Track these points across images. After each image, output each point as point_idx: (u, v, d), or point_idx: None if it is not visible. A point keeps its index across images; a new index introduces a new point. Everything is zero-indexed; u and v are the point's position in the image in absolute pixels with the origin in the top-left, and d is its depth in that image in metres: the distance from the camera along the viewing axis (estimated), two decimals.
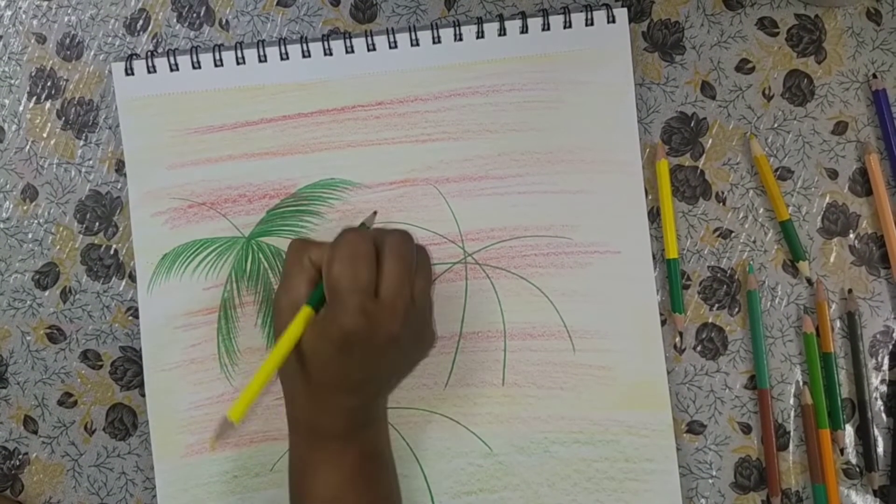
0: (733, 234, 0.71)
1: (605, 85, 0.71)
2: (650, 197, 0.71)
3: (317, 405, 0.60)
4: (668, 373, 0.70)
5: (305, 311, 0.58)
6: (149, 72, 0.72)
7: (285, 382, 0.61)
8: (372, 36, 0.72)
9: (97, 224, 0.72)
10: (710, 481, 0.70)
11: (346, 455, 0.60)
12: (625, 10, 0.71)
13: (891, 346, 0.70)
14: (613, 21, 0.71)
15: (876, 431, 0.69)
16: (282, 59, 0.72)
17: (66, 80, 0.73)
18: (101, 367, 0.72)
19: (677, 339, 0.70)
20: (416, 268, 0.59)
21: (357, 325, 0.56)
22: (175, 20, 0.73)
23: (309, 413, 0.60)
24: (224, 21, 0.73)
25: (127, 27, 0.73)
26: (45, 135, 0.73)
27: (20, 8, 0.73)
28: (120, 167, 0.72)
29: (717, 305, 0.71)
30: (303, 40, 0.72)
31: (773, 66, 0.71)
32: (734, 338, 0.70)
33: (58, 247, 0.72)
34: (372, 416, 0.62)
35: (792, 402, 0.70)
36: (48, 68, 0.73)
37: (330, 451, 0.60)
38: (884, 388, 0.70)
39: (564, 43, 0.71)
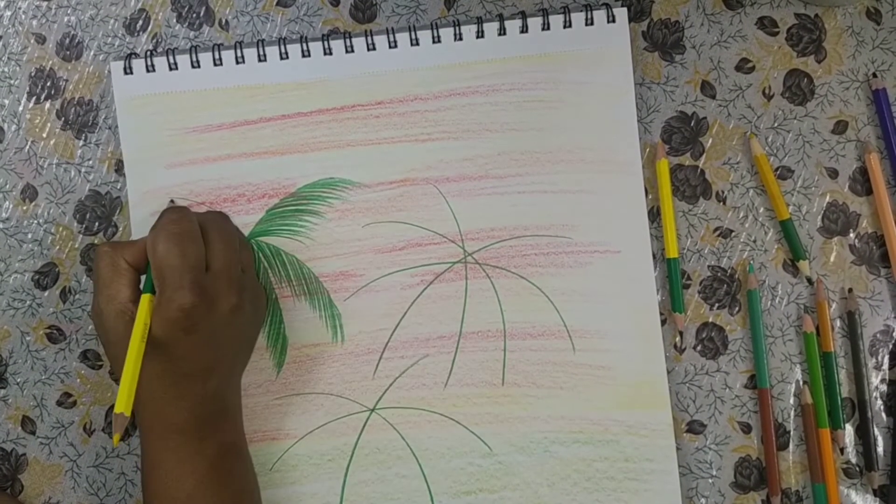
0: (733, 234, 0.71)
1: (605, 84, 0.71)
2: (650, 196, 0.71)
3: (170, 398, 0.59)
4: (668, 372, 0.70)
5: (146, 298, 0.58)
6: (148, 71, 0.72)
7: (144, 393, 0.59)
8: (372, 36, 0.72)
9: (97, 224, 0.72)
10: (710, 481, 0.70)
11: (202, 450, 0.59)
12: (625, 9, 0.71)
13: (891, 346, 0.70)
14: (613, 21, 0.71)
15: (876, 431, 0.69)
16: (281, 58, 0.72)
17: (66, 81, 0.73)
18: (100, 367, 0.72)
19: (677, 338, 0.70)
20: (237, 240, 0.61)
21: (195, 301, 0.56)
22: (175, 20, 0.73)
23: (162, 408, 0.59)
24: (224, 21, 0.73)
25: (126, 27, 0.73)
26: (44, 135, 0.73)
27: (20, 8, 0.73)
28: (119, 167, 0.72)
29: (717, 305, 0.71)
30: (303, 40, 0.72)
31: (773, 65, 0.71)
32: (734, 337, 0.70)
33: (57, 247, 0.72)
34: (226, 406, 0.61)
35: (792, 401, 0.70)
36: (48, 68, 0.73)
37: (185, 447, 0.59)
38: (884, 388, 0.70)
39: (564, 42, 0.71)
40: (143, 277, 0.62)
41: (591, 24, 0.71)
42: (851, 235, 0.70)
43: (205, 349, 0.58)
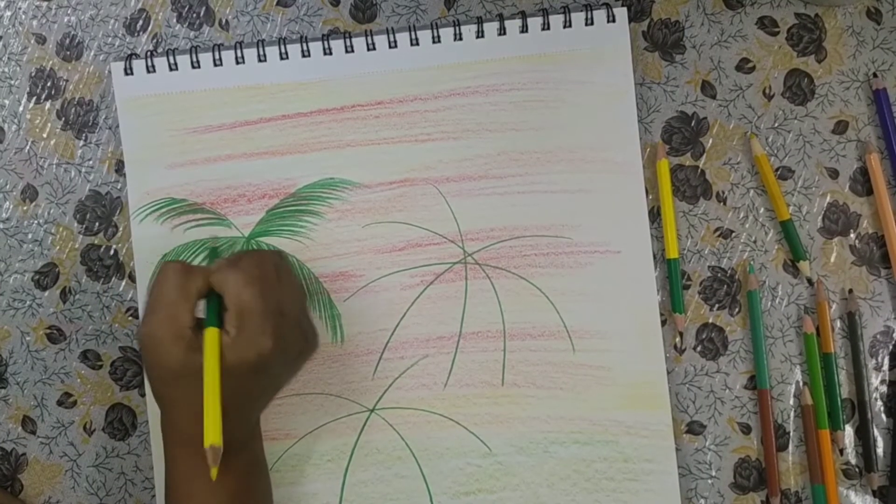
0: (734, 234, 0.71)
1: (605, 84, 0.71)
2: (650, 196, 0.71)
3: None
4: (668, 373, 0.70)
5: (214, 332, 0.57)
6: (148, 71, 0.72)
7: (170, 402, 0.60)
8: (372, 36, 0.71)
9: (97, 224, 0.72)
10: (710, 482, 0.70)
11: (231, 468, 0.58)
12: (625, 9, 0.71)
13: (891, 347, 0.70)
14: (613, 20, 0.71)
15: (876, 432, 0.69)
16: (281, 58, 0.72)
17: (66, 81, 0.73)
18: (100, 367, 0.72)
19: (677, 339, 0.70)
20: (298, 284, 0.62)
21: (274, 346, 0.57)
22: (175, 20, 0.73)
23: (199, 431, 0.57)
24: (224, 21, 0.73)
25: (127, 27, 0.73)
26: (44, 135, 0.73)
27: (20, 8, 0.73)
28: (120, 167, 0.72)
29: (717, 305, 0.70)
30: (303, 40, 0.72)
31: (774, 65, 0.71)
32: (734, 338, 0.70)
33: (57, 247, 0.72)
34: (255, 425, 0.62)
35: (792, 402, 0.70)
36: (48, 69, 0.73)
37: (229, 463, 0.57)
38: (884, 389, 0.69)
39: (564, 42, 0.71)
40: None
41: (591, 23, 0.71)
42: (852, 236, 0.70)
43: (263, 387, 0.60)
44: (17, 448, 0.72)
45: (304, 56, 0.72)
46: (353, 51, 0.72)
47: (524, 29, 0.71)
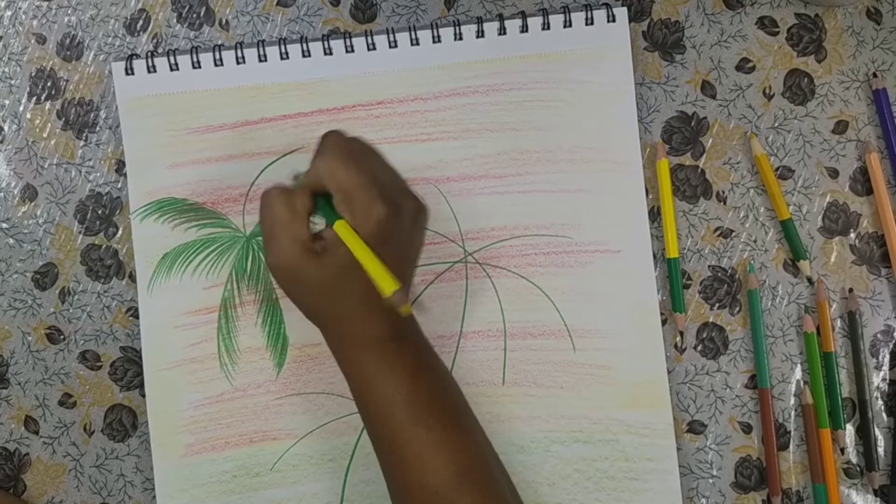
0: (734, 234, 0.71)
1: (605, 84, 0.71)
2: (650, 196, 0.71)
3: (368, 311, 0.59)
4: (669, 372, 0.70)
5: (343, 224, 0.57)
6: (149, 71, 0.72)
7: (331, 312, 0.60)
8: (372, 35, 0.72)
9: (97, 224, 0.72)
10: (711, 481, 0.70)
11: (403, 354, 0.60)
12: (625, 9, 0.71)
13: (891, 346, 0.70)
14: (613, 20, 0.71)
15: (876, 431, 0.69)
16: (282, 58, 0.72)
17: (66, 81, 0.73)
18: (99, 367, 0.72)
19: (678, 338, 0.70)
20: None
21: (388, 210, 0.57)
22: (175, 20, 0.73)
23: (361, 322, 0.59)
24: (224, 21, 0.73)
25: (127, 27, 0.73)
26: (45, 135, 0.73)
27: (20, 8, 0.73)
28: (120, 167, 0.72)
29: (717, 305, 0.71)
30: (303, 40, 0.72)
31: (774, 65, 0.71)
32: (735, 337, 0.70)
33: (57, 247, 0.72)
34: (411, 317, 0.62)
35: (792, 401, 0.70)
36: (48, 69, 0.73)
37: (389, 354, 0.60)
38: (884, 388, 0.70)
39: (564, 42, 0.71)
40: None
41: (592, 23, 0.71)
42: (852, 235, 0.70)
43: (396, 258, 0.59)
44: (20, 448, 0.72)
45: (304, 56, 0.72)
46: (353, 51, 0.72)
47: (524, 29, 0.71)
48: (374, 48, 0.72)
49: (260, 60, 0.72)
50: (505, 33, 0.71)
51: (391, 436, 0.60)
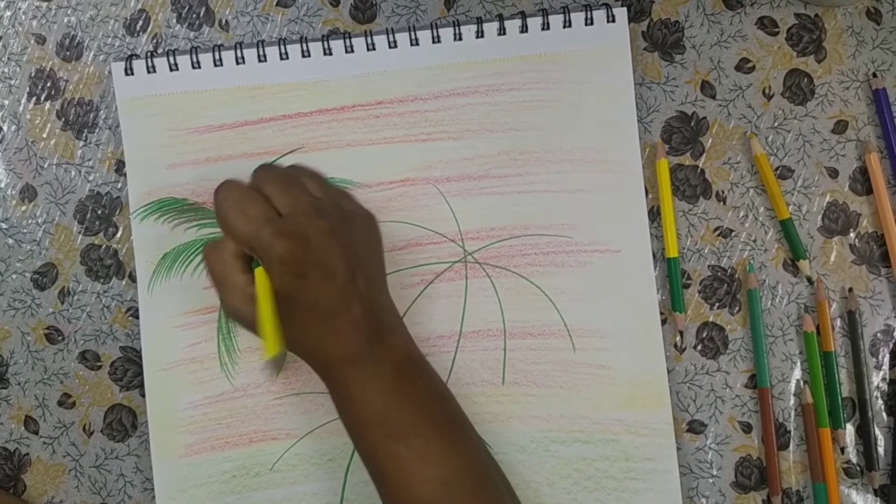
0: (734, 233, 0.71)
1: (604, 84, 0.71)
2: (650, 196, 0.71)
3: (325, 336, 0.60)
4: (669, 372, 0.70)
5: (259, 271, 0.59)
6: (148, 72, 0.72)
7: (298, 343, 0.61)
8: (372, 36, 0.72)
9: (97, 224, 0.72)
10: (711, 481, 0.70)
11: (378, 370, 0.60)
12: (624, 9, 0.71)
13: (891, 345, 0.70)
14: (613, 20, 0.71)
15: (876, 430, 0.69)
16: (281, 58, 0.72)
17: (66, 81, 0.73)
18: (99, 367, 0.72)
19: (678, 338, 0.70)
20: (295, 176, 0.62)
21: (287, 246, 0.58)
22: (175, 21, 0.73)
23: (324, 347, 0.60)
24: (224, 21, 0.73)
25: (127, 28, 0.73)
26: (44, 135, 0.73)
27: (20, 9, 0.73)
28: (120, 167, 0.72)
29: (717, 304, 0.71)
30: (303, 40, 0.72)
31: (773, 65, 0.71)
32: (734, 337, 0.70)
33: (57, 247, 0.72)
34: (382, 324, 0.61)
35: (792, 401, 0.70)
36: (48, 69, 0.73)
37: (361, 373, 0.60)
38: (884, 387, 0.70)
39: (564, 42, 0.71)
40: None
41: (591, 23, 0.71)
42: (851, 235, 0.71)
43: (326, 282, 0.59)
44: (20, 448, 0.72)
45: (304, 56, 0.72)
46: (353, 51, 0.72)
47: (524, 29, 0.71)
48: (374, 48, 0.72)
49: (260, 61, 0.72)
50: (504, 33, 0.71)
51: (373, 452, 0.60)
